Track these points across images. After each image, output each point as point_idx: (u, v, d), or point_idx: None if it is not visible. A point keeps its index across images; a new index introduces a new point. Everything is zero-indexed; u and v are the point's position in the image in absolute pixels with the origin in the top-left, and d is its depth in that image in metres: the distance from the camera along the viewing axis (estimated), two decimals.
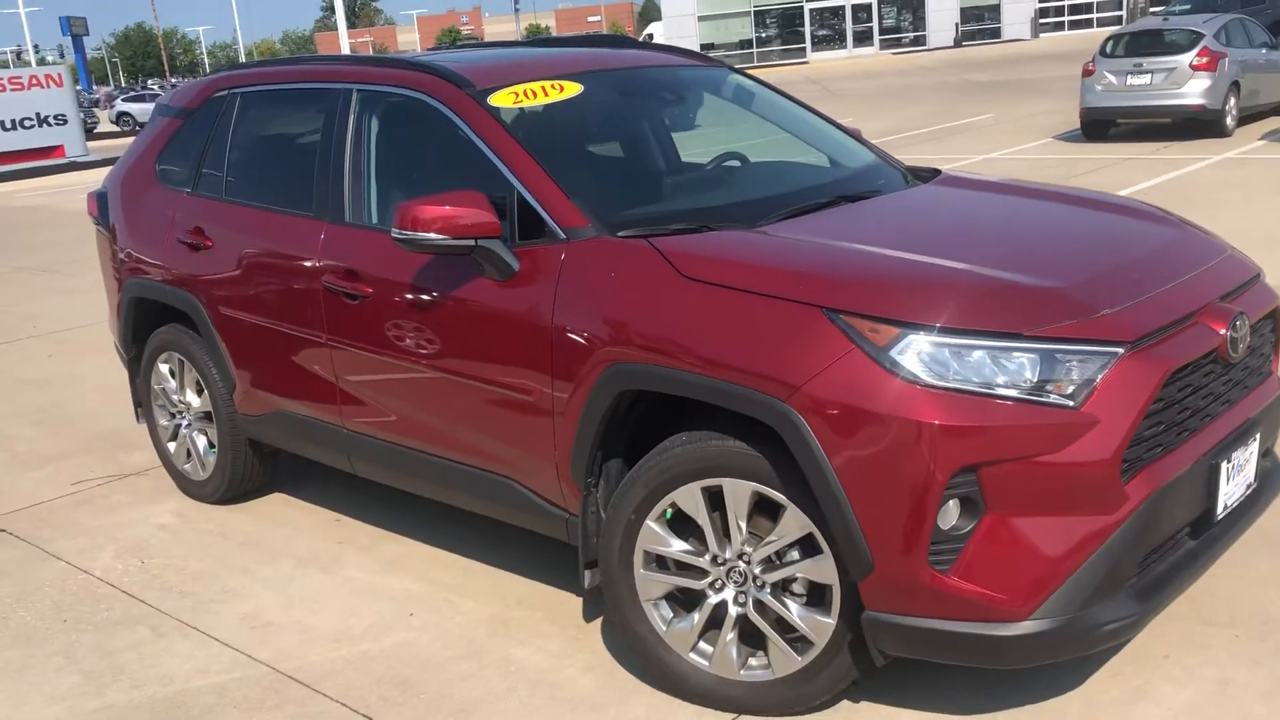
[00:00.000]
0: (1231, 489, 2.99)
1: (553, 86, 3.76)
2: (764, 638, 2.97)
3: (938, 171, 4.09)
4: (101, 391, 6.75)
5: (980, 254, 2.97)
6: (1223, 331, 2.87)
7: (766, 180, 4.01)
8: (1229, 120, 14.56)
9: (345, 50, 31.75)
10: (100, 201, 5.11)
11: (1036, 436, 2.58)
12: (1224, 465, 2.91)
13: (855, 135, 4.37)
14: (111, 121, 46.30)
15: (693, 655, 3.08)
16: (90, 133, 35.49)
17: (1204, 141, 14.26)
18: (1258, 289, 3.22)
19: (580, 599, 3.75)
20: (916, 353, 2.62)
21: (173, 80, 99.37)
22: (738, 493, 2.90)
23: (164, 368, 4.84)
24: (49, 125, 26.78)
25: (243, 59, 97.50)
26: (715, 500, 2.95)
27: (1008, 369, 2.61)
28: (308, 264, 3.95)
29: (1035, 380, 2.61)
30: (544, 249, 3.27)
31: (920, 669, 3.09)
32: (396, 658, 3.48)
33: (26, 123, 26.03)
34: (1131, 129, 15.79)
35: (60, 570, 4.30)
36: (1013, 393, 2.60)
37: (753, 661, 3.03)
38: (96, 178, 23.71)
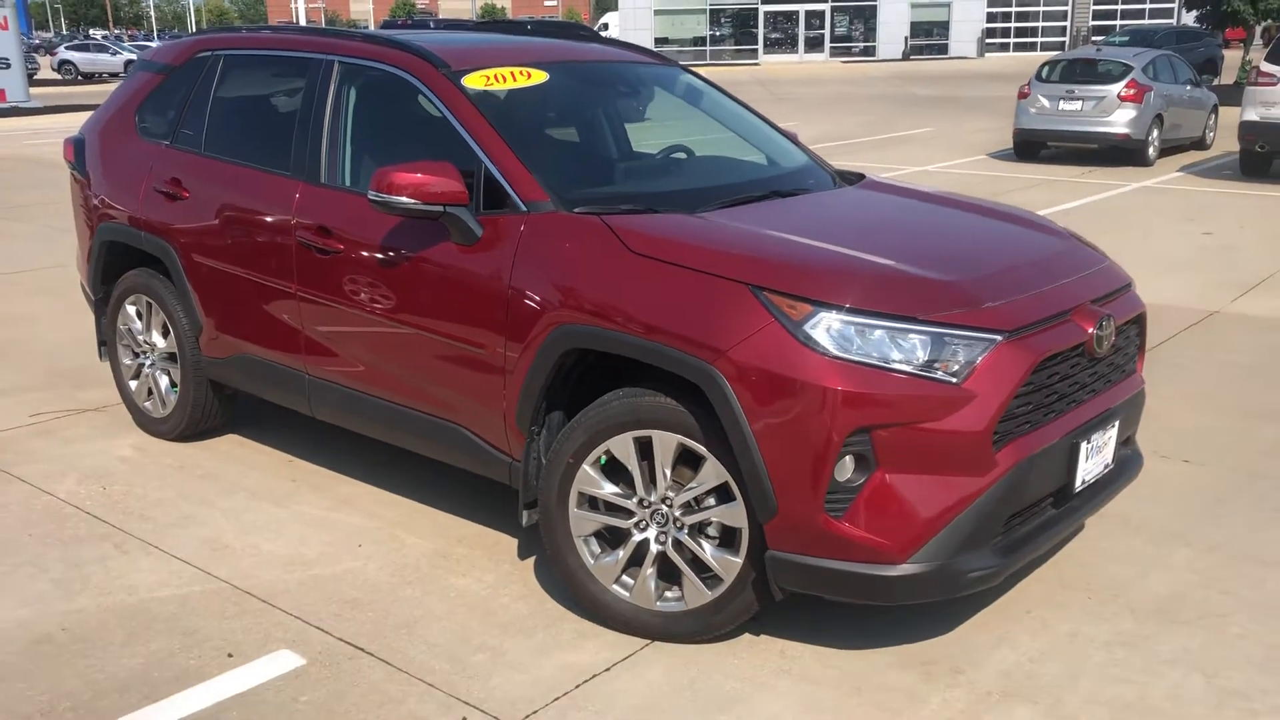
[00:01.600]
0: (1090, 467, 3.45)
1: (522, 73, 4.12)
2: (680, 573, 3.37)
3: (862, 176, 4.53)
4: (56, 332, 6.97)
5: (889, 249, 3.40)
6: (1090, 330, 3.33)
7: (709, 172, 4.41)
8: (1151, 151, 15.32)
9: (301, 14, 31.65)
10: (77, 148, 5.36)
11: (922, 406, 3.00)
12: (1084, 445, 3.37)
13: (792, 138, 4.79)
14: (53, 69, 45.40)
15: (616, 587, 3.47)
16: (30, 79, 34.89)
17: (1127, 169, 15.00)
18: (1127, 297, 3.70)
19: (515, 539, 4.13)
20: (826, 328, 3.03)
21: (116, 31, 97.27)
22: (665, 443, 3.30)
23: (131, 309, 5.11)
24: None
25: (191, 16, 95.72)
26: (645, 449, 3.34)
27: (903, 347, 3.04)
28: (282, 219, 4.26)
29: (925, 358, 3.03)
30: (505, 219, 3.64)
31: (810, 611, 3.53)
32: (346, 581, 3.83)
33: None
34: (1060, 152, 16.51)
35: (25, 491, 4.58)
36: (905, 367, 3.02)
37: (668, 594, 3.43)
38: (38, 124, 23.51)
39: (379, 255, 3.91)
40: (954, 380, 3.03)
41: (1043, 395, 3.23)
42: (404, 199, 3.57)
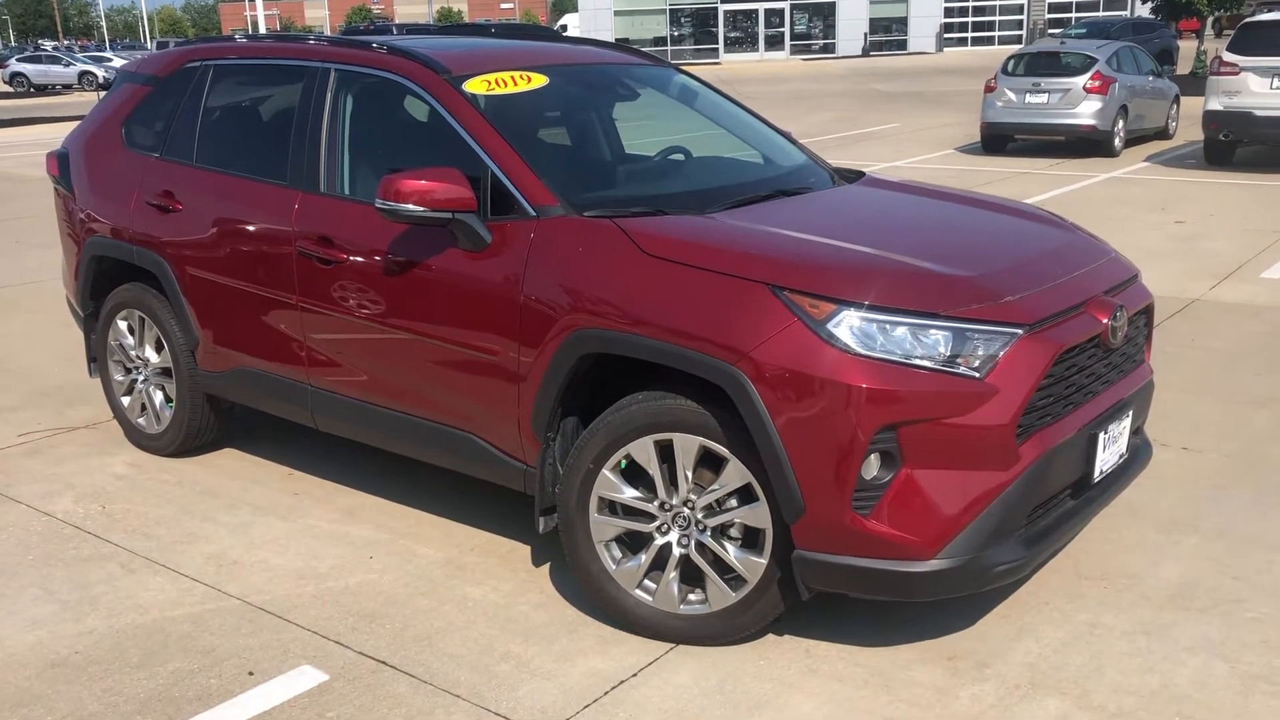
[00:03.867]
0: (1107, 457, 3.48)
1: (521, 77, 4.09)
2: (703, 576, 3.36)
3: (862, 173, 4.54)
4: (35, 349, 6.85)
5: (904, 245, 3.41)
6: (1105, 321, 3.35)
7: (713, 173, 4.40)
8: (1117, 141, 15.49)
9: (261, 22, 31.38)
10: (61, 162, 5.27)
11: (947, 402, 3.01)
12: (1101, 436, 3.40)
13: (788, 137, 4.79)
14: (4, 82, 44.72)
15: (638, 591, 3.45)
16: None
17: (1094, 160, 15.16)
18: (1136, 287, 3.73)
19: (528, 546, 4.10)
20: (849, 326, 3.03)
21: (66, 42, 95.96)
22: (686, 446, 3.28)
23: (122, 324, 5.03)
24: None
25: (144, 25, 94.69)
26: (665, 453, 3.33)
27: (925, 343, 3.04)
28: (281, 229, 4.21)
29: (948, 354, 3.04)
30: (515, 224, 3.61)
31: (830, 609, 3.53)
32: (361, 594, 3.79)
33: None
34: (1028, 145, 16.66)
35: (22, 512, 4.49)
36: (928, 364, 3.03)
37: (691, 597, 3.42)
38: None
39: (384, 264, 3.87)
40: (977, 375, 3.04)
41: (1062, 387, 3.25)
42: (411, 206, 3.53)
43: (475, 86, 3.95)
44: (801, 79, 36.78)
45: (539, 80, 4.16)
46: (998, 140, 16.23)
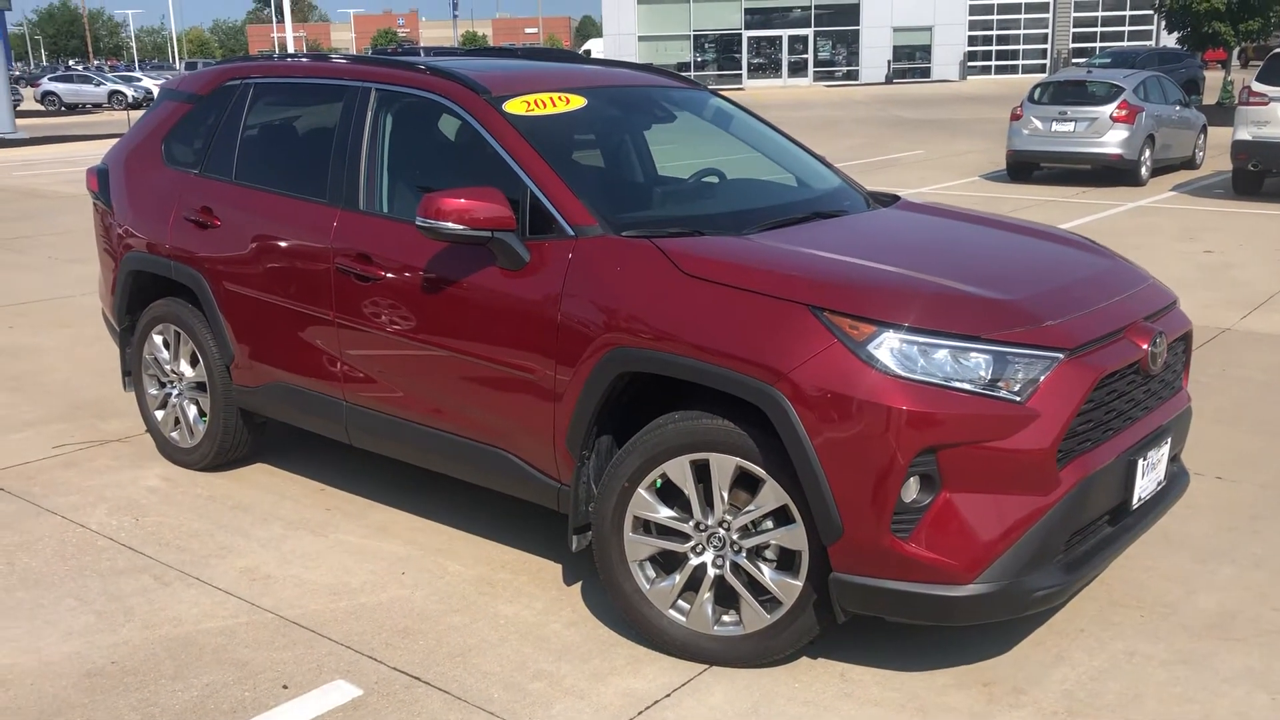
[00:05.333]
0: (1145, 484, 3.46)
1: (560, 98, 4.13)
2: (737, 597, 3.35)
3: (897, 197, 4.55)
4: (69, 363, 6.91)
5: (944, 268, 3.41)
6: (1145, 346, 3.34)
7: (749, 194, 4.42)
8: (1143, 170, 15.46)
9: (290, 43, 31.68)
10: (101, 177, 5.33)
11: (987, 425, 3.00)
12: (1140, 462, 3.38)
13: (823, 161, 4.80)
14: (36, 100, 45.29)
15: (672, 611, 3.44)
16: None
17: (1120, 189, 15.13)
18: (1174, 314, 3.72)
19: (559, 565, 4.10)
20: (890, 348, 3.03)
21: (95, 62, 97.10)
22: (722, 466, 3.28)
23: (158, 338, 5.07)
24: None
25: (173, 46, 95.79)
26: (701, 472, 3.33)
27: (966, 366, 3.04)
28: (320, 246, 4.24)
29: (989, 377, 3.04)
30: (553, 244, 3.63)
31: (865, 632, 3.51)
32: (393, 610, 3.79)
33: None
34: (1054, 173, 16.64)
35: (57, 524, 4.52)
36: (969, 387, 3.02)
37: (725, 618, 3.41)
38: (27, 155, 23.42)
39: (422, 281, 3.90)
40: (1018, 399, 3.03)
41: (1102, 413, 3.23)
42: (452, 225, 3.56)
43: (515, 107, 3.98)
44: (825, 105, 36.87)
45: (578, 102, 4.19)
46: (1023, 168, 16.23)
